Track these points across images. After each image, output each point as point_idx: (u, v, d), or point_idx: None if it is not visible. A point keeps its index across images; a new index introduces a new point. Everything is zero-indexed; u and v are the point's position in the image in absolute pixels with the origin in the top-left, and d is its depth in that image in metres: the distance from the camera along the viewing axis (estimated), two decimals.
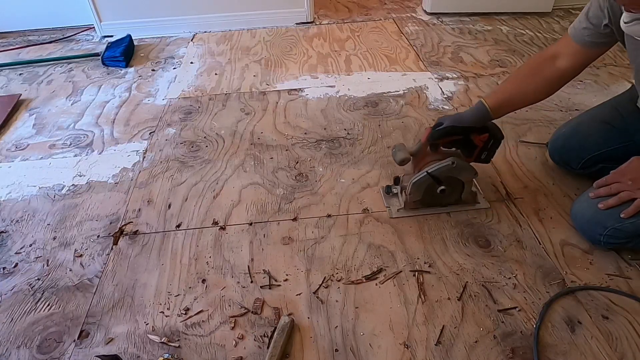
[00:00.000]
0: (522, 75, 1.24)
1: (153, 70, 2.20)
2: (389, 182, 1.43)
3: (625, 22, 0.93)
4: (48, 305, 1.13)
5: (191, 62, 2.25)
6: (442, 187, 1.24)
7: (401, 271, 1.16)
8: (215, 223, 1.33)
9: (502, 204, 1.34)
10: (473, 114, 1.23)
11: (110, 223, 1.35)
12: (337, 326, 1.04)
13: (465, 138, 1.24)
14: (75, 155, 1.64)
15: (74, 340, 1.05)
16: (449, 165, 1.19)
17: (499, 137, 1.26)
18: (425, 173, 1.21)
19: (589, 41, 1.14)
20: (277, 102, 1.88)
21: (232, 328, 1.05)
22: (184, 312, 1.09)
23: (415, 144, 1.28)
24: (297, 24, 2.62)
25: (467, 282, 1.12)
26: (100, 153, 1.65)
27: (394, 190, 1.35)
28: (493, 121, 1.25)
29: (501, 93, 1.24)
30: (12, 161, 1.64)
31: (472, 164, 1.25)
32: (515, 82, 1.25)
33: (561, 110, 1.73)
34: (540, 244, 1.21)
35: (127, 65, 2.23)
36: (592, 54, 1.16)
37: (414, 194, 1.26)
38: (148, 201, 1.42)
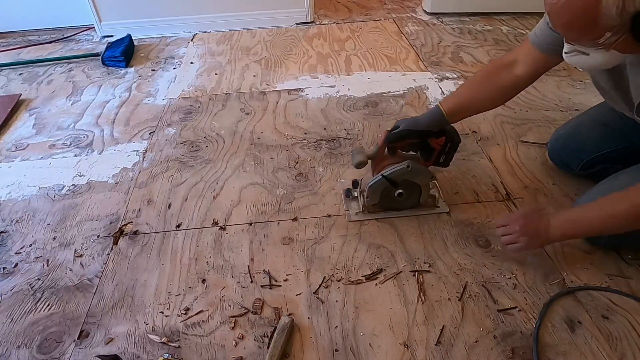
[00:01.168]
0: (478, 82, 1.24)
1: (153, 70, 2.20)
2: None
3: (565, 53, 0.92)
4: (48, 305, 1.13)
5: (191, 62, 2.25)
6: (400, 191, 1.24)
7: (401, 271, 1.16)
8: (215, 223, 1.33)
9: (502, 204, 1.34)
10: (429, 117, 1.23)
11: (110, 223, 1.35)
12: (337, 326, 1.04)
13: (424, 141, 1.25)
14: (75, 155, 1.64)
15: (74, 340, 1.05)
16: (404, 168, 1.19)
17: (455, 141, 1.26)
18: (381, 176, 1.21)
19: (550, 47, 1.10)
20: (277, 102, 1.88)
21: (232, 328, 1.05)
22: (184, 312, 1.09)
23: (374, 147, 1.27)
24: (297, 24, 2.62)
25: (467, 282, 1.12)
26: (100, 153, 1.65)
27: (354, 194, 1.35)
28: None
29: (457, 98, 1.24)
30: (12, 161, 1.64)
31: (437, 167, 1.27)
32: (471, 88, 1.25)
33: (561, 110, 1.73)
34: None
35: (127, 65, 2.23)
36: (552, 61, 1.13)
37: (372, 197, 1.26)
38: (148, 201, 1.42)
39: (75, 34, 2.60)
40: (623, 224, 0.97)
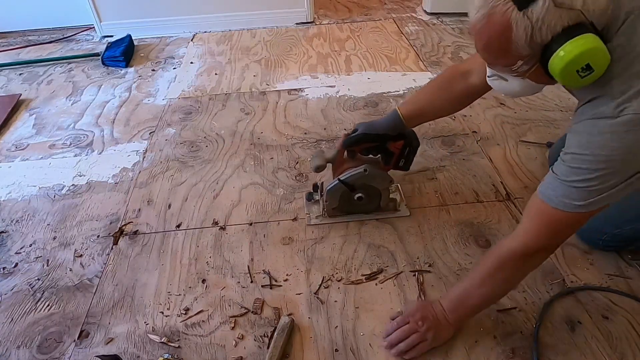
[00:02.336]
0: (434, 88, 1.23)
1: (153, 70, 2.20)
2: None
3: (488, 76, 0.91)
4: (48, 305, 1.13)
5: (191, 62, 2.25)
6: (359, 195, 1.24)
7: (402, 272, 1.16)
8: (215, 223, 1.33)
9: (502, 204, 1.34)
10: (387, 121, 1.23)
11: (110, 223, 1.35)
12: (337, 326, 1.04)
13: (383, 145, 1.25)
14: (75, 155, 1.64)
15: (74, 340, 1.05)
16: (361, 172, 1.19)
17: (414, 145, 1.26)
18: (338, 180, 1.21)
19: None
20: (277, 102, 1.88)
21: (232, 328, 1.05)
22: (184, 312, 1.09)
23: (333, 150, 1.27)
24: (297, 24, 2.62)
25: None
26: (100, 153, 1.65)
27: (316, 197, 1.34)
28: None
29: (413, 104, 1.24)
30: (12, 161, 1.64)
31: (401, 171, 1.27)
32: (428, 94, 1.24)
33: (561, 110, 1.73)
34: None
35: (127, 65, 2.23)
36: None
37: (330, 202, 1.26)
38: (148, 201, 1.42)
39: (75, 34, 2.60)
40: (496, 283, 0.93)
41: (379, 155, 1.29)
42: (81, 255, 1.25)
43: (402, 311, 1.04)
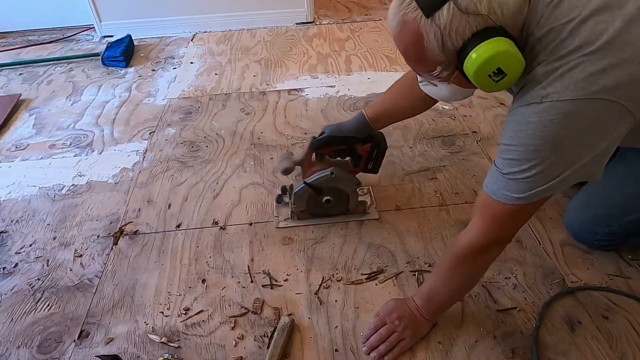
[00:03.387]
0: (399, 90, 1.22)
1: (153, 70, 2.20)
2: (388, 182, 1.43)
3: (419, 82, 0.91)
4: (48, 305, 1.13)
5: (191, 62, 2.25)
6: (327, 197, 1.24)
7: (402, 271, 1.16)
8: (215, 223, 1.33)
9: None
10: (353, 124, 1.23)
11: (110, 223, 1.35)
12: (337, 326, 1.04)
13: (351, 148, 1.24)
14: (75, 155, 1.64)
15: (74, 340, 1.05)
16: (327, 175, 1.18)
17: (381, 147, 1.26)
18: (304, 184, 1.21)
19: None
20: (277, 102, 1.88)
21: (232, 328, 1.05)
22: (184, 312, 1.09)
23: (301, 153, 1.27)
24: (297, 24, 2.62)
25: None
26: (100, 153, 1.65)
27: (285, 200, 1.34)
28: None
29: (379, 105, 1.23)
30: (12, 161, 1.64)
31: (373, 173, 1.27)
32: (393, 96, 1.23)
33: None
34: (540, 244, 1.21)
35: (127, 65, 2.23)
36: None
37: (298, 204, 1.25)
38: (148, 201, 1.42)
39: (75, 34, 2.60)
40: (457, 277, 0.94)
41: (349, 157, 1.28)
42: (81, 255, 1.25)
43: (378, 313, 1.04)
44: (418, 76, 0.90)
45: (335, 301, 1.10)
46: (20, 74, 2.21)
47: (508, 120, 0.78)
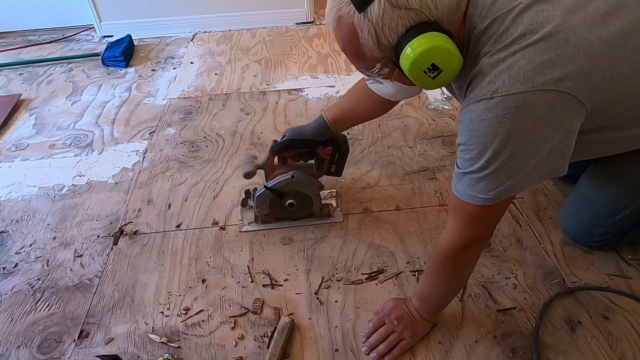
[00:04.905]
0: (357, 93, 1.21)
1: (153, 70, 2.20)
2: (388, 181, 1.43)
3: (366, 80, 0.89)
4: (48, 305, 1.13)
5: (191, 62, 2.25)
6: (291, 201, 1.23)
7: (402, 271, 1.16)
8: (215, 223, 1.33)
9: None
10: (314, 127, 1.22)
11: (110, 223, 1.35)
12: (337, 326, 1.04)
13: (314, 151, 1.24)
14: (75, 155, 1.64)
15: (74, 340, 1.05)
16: (288, 179, 1.18)
17: (342, 150, 1.26)
18: (265, 188, 1.20)
19: None
20: (277, 102, 1.88)
21: (232, 328, 1.05)
22: (184, 312, 1.09)
23: (264, 157, 1.26)
24: (297, 24, 2.62)
25: (467, 280, 1.12)
26: (100, 153, 1.65)
27: (250, 203, 1.33)
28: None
29: (338, 109, 1.22)
30: (12, 161, 1.64)
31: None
32: (351, 99, 1.22)
33: None
34: (540, 244, 1.21)
35: (127, 65, 2.23)
36: None
37: (261, 209, 1.25)
38: (148, 201, 1.42)
39: (75, 34, 2.59)
40: (443, 278, 0.93)
41: (313, 160, 1.27)
42: (81, 255, 1.25)
43: (378, 312, 1.04)
44: (365, 76, 0.88)
45: (336, 301, 1.10)
46: (20, 74, 2.21)
47: (461, 119, 0.76)
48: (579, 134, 0.75)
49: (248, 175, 1.23)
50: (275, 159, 1.25)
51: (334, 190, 1.40)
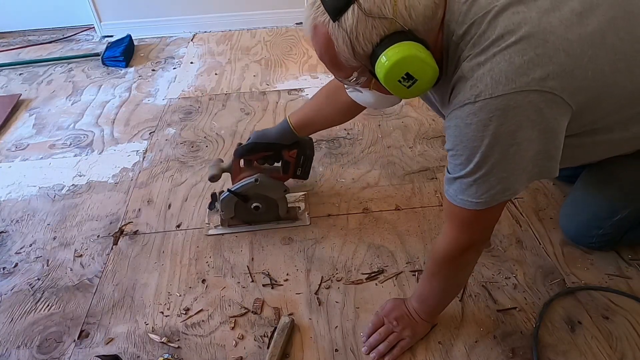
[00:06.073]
0: (321, 99, 1.21)
1: (153, 70, 2.20)
2: (388, 181, 1.43)
3: (345, 88, 0.88)
4: (48, 305, 1.13)
5: (191, 62, 2.25)
6: (256, 204, 1.23)
7: (402, 271, 1.16)
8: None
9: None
10: (277, 131, 1.22)
11: (110, 223, 1.35)
12: (337, 326, 1.04)
13: (279, 154, 1.24)
14: (75, 155, 1.64)
15: (74, 340, 1.05)
16: (252, 182, 1.18)
17: (307, 154, 1.26)
18: (228, 191, 1.20)
19: None
20: (277, 102, 1.88)
21: (232, 328, 1.05)
22: (184, 312, 1.09)
23: (229, 160, 1.26)
24: (297, 24, 2.62)
25: (467, 282, 1.12)
26: (100, 153, 1.65)
27: (217, 206, 1.32)
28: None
29: (303, 113, 1.22)
30: (12, 161, 1.64)
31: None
32: (316, 105, 1.22)
33: None
34: (540, 244, 1.21)
35: (127, 65, 2.23)
36: None
37: (226, 212, 1.25)
38: (148, 201, 1.42)
39: (75, 34, 2.59)
40: (441, 281, 0.93)
41: (280, 163, 1.27)
42: (81, 255, 1.25)
43: (377, 312, 1.04)
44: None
45: (336, 301, 1.10)
46: (20, 74, 2.21)
47: (447, 125, 0.75)
48: (567, 138, 0.75)
49: (213, 178, 1.22)
50: (241, 162, 1.25)
51: (304, 193, 1.39)
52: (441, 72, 0.73)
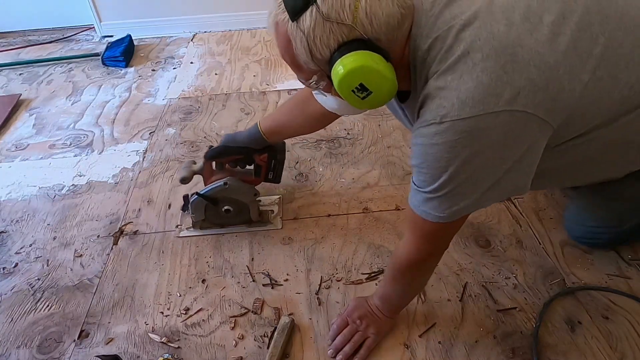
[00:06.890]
0: (291, 107, 1.19)
1: (153, 70, 2.20)
2: (388, 181, 1.43)
3: (313, 90, 0.87)
4: (48, 305, 1.13)
5: (191, 62, 2.25)
6: (227, 207, 1.23)
7: None
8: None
9: (502, 204, 1.34)
10: (248, 135, 1.21)
11: (110, 223, 1.35)
12: None
13: (250, 157, 1.24)
14: (75, 155, 1.64)
15: (74, 340, 1.05)
16: (221, 186, 1.18)
17: (278, 158, 1.26)
18: (196, 194, 1.20)
19: None
20: (277, 102, 1.88)
21: (232, 328, 1.05)
22: (184, 312, 1.09)
23: (200, 162, 1.25)
24: None
25: (467, 282, 1.12)
26: (100, 153, 1.65)
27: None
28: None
29: (272, 120, 1.21)
30: (12, 161, 1.64)
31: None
32: (286, 113, 1.20)
33: None
34: (540, 244, 1.21)
35: (127, 65, 2.23)
36: None
37: (196, 215, 1.24)
38: (148, 201, 1.42)
39: (75, 34, 2.59)
40: (403, 285, 0.93)
41: (252, 167, 1.27)
42: (81, 255, 1.25)
43: (340, 312, 1.04)
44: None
45: (336, 302, 1.10)
46: (20, 74, 2.21)
47: (414, 142, 0.73)
48: (549, 156, 0.73)
49: (184, 180, 1.21)
50: (213, 165, 1.24)
51: (278, 196, 1.39)
52: (411, 87, 0.71)
